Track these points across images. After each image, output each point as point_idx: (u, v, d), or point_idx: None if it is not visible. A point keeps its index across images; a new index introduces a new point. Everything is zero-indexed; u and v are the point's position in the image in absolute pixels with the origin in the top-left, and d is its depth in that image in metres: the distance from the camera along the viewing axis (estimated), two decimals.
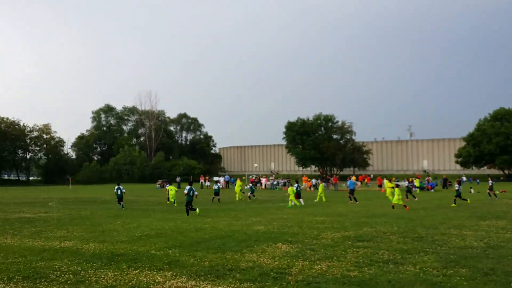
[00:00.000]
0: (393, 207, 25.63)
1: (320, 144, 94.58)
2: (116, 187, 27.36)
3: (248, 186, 41.86)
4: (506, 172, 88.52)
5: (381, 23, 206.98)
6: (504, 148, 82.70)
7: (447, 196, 36.35)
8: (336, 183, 61.55)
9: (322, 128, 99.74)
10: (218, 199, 32.45)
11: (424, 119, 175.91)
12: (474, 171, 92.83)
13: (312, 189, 58.64)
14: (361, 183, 69.69)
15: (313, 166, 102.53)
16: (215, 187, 33.44)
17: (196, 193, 23.23)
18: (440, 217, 20.98)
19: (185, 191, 22.27)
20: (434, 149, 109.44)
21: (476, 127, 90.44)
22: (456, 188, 29.37)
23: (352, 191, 32.59)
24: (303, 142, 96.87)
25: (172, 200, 30.21)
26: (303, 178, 64.42)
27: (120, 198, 27.04)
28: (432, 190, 54.74)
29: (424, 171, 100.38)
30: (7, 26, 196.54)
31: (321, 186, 36.85)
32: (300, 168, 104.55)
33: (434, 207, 26.81)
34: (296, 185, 29.99)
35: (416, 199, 33.51)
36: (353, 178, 36.11)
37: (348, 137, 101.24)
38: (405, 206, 25.62)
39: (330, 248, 12.49)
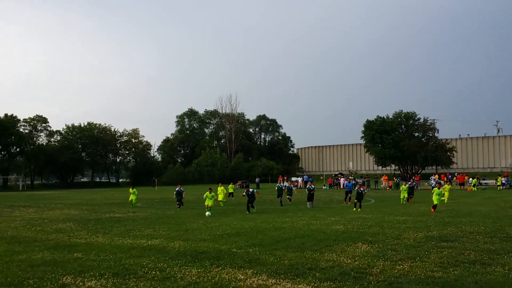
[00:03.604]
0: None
1: (400, 143, 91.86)
2: (177, 188, 28.38)
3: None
4: None
5: (467, 16, 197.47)
6: None
7: None
8: (418, 183, 59.63)
9: (403, 126, 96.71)
10: (280, 201, 29.72)
11: None
12: None
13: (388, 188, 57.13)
14: (443, 182, 66.98)
15: (392, 165, 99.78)
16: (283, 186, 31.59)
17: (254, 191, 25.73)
18: None
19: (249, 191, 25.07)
20: None
21: None
22: None
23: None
24: (382, 141, 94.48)
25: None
26: (383, 178, 62.95)
27: (179, 199, 27.85)
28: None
29: None
30: (97, 35, 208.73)
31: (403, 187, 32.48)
32: (380, 168, 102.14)
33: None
34: (309, 185, 28.32)
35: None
36: (343, 179, 34.55)
37: (431, 135, 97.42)
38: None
39: (412, 248, 12.18)
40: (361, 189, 24.63)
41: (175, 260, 11.01)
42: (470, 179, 55.91)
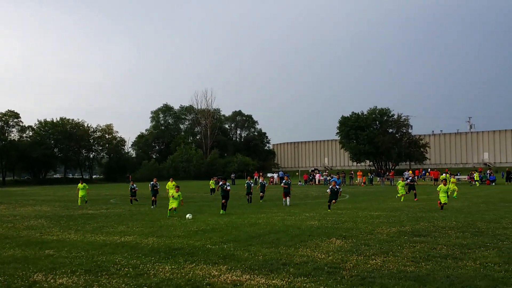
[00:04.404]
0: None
1: (375, 139, 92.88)
2: (152, 182, 28.14)
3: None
4: None
5: (441, 15, 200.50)
6: None
7: (510, 189, 34.81)
8: (392, 178, 60.41)
9: (377, 122, 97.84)
10: (248, 199, 28.33)
11: (484, 110, 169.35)
12: None
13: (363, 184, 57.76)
14: (418, 178, 68.03)
15: (367, 161, 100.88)
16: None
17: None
18: (502, 211, 20.20)
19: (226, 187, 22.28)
20: (495, 141, 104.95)
21: None
22: None
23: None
24: (357, 137, 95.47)
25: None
26: (358, 173, 63.54)
27: (154, 194, 27.23)
28: (493, 184, 52.65)
29: (485, 164, 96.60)
30: (72, 29, 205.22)
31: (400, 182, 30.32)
32: (354, 163, 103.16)
33: (496, 201, 25.81)
34: (285, 180, 27.49)
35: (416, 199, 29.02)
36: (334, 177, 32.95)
37: (404, 131, 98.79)
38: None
39: (385, 243, 12.30)
40: (337, 187, 23.10)
41: (148, 257, 10.89)
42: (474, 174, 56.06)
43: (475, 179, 53.65)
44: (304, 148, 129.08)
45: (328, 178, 65.26)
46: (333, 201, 22.39)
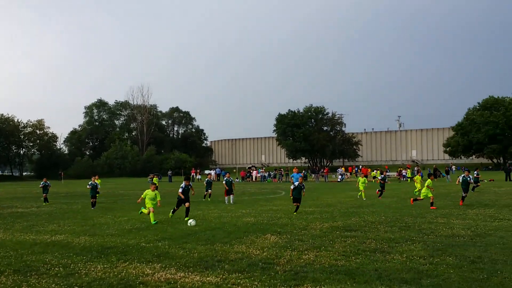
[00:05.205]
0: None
1: (310, 136, 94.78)
2: (91, 181, 24.57)
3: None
4: (495, 161, 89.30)
5: (374, 15, 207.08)
6: (493, 137, 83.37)
7: (436, 185, 36.65)
8: (326, 175, 61.91)
9: (313, 120, 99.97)
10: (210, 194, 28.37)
11: (413, 109, 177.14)
12: (463, 160, 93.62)
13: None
14: (350, 174, 70.21)
15: (303, 158, 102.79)
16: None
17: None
18: (427, 206, 21.22)
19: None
20: (422, 139, 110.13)
21: (464, 117, 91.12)
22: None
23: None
24: (293, 134, 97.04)
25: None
26: (294, 170, 64.56)
27: (94, 195, 23.79)
28: (380, 181, 55.18)
29: (413, 161, 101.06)
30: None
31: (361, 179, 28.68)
32: (291, 160, 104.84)
33: (422, 197, 27.00)
34: (227, 178, 25.90)
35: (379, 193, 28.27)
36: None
37: (338, 129, 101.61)
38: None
39: (318, 238, 12.62)
40: (303, 184, 19.86)
41: (80, 256, 10.60)
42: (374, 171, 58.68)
43: (408, 175, 56.14)
44: (241, 145, 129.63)
45: (265, 175, 66.02)
46: (298, 204, 19.28)
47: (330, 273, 8.65)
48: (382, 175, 29.72)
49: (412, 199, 22.67)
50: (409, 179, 54.77)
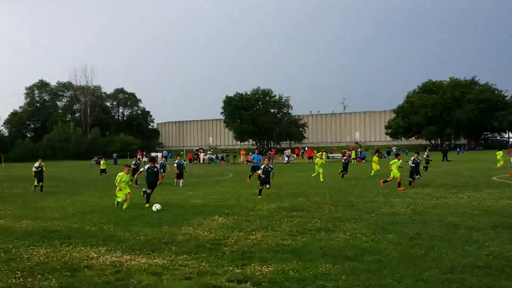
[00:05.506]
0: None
1: (257, 118, 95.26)
2: (37, 164, 23.64)
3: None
4: (433, 142, 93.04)
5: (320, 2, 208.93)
6: (431, 119, 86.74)
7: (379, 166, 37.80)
8: (273, 157, 62.50)
9: (260, 103, 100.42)
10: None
11: (357, 92, 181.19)
12: (403, 141, 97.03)
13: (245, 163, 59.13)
14: (297, 156, 71.22)
15: (250, 140, 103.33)
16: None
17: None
18: (370, 186, 21.91)
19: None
20: (366, 121, 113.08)
21: (405, 100, 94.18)
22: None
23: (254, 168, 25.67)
24: (241, 117, 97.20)
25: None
26: (241, 152, 64.84)
27: (40, 178, 22.96)
28: (363, 161, 56.80)
29: (357, 142, 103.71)
30: None
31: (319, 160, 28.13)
32: (238, 143, 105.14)
33: (366, 177, 27.88)
34: (178, 161, 25.03)
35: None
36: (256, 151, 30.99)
37: (285, 111, 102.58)
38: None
39: (265, 218, 12.78)
40: (270, 167, 19.00)
41: (21, 240, 10.29)
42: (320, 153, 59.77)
43: (352, 157, 57.62)
44: (188, 127, 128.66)
45: (212, 157, 65.89)
46: (267, 185, 18.41)
47: (277, 252, 8.81)
48: (345, 157, 30.19)
49: (382, 181, 22.25)
50: (353, 160, 56.26)
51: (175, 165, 25.47)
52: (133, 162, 28.07)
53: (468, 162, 46.21)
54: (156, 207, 14.81)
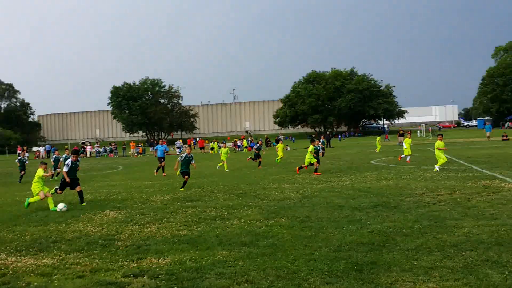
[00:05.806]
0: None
1: (147, 109, 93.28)
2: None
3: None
4: (317, 130, 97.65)
5: None
6: (315, 108, 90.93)
7: (269, 154, 38.95)
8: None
9: (149, 93, 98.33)
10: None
11: (246, 83, 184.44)
12: (290, 130, 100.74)
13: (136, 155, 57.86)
14: (189, 146, 70.96)
15: (140, 132, 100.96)
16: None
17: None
18: (261, 174, 22.53)
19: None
20: (255, 110, 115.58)
21: (291, 90, 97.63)
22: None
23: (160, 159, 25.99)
24: (129, 108, 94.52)
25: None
26: (131, 144, 63.17)
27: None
28: (254, 150, 58.23)
29: (247, 132, 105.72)
30: None
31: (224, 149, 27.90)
32: (128, 134, 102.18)
33: (255, 165, 28.54)
34: (64, 156, 23.69)
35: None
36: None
37: (176, 101, 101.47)
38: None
39: (159, 210, 12.64)
40: (191, 155, 17.98)
41: None
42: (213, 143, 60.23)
43: (244, 145, 59.00)
44: (73, 119, 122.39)
45: (100, 150, 63.37)
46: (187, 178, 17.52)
47: (173, 244, 8.76)
48: (258, 145, 30.42)
49: (297, 167, 22.61)
50: (244, 149, 57.44)
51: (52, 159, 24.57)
52: (19, 158, 25.99)
53: (349, 148, 49.29)
54: (60, 207, 13.43)
